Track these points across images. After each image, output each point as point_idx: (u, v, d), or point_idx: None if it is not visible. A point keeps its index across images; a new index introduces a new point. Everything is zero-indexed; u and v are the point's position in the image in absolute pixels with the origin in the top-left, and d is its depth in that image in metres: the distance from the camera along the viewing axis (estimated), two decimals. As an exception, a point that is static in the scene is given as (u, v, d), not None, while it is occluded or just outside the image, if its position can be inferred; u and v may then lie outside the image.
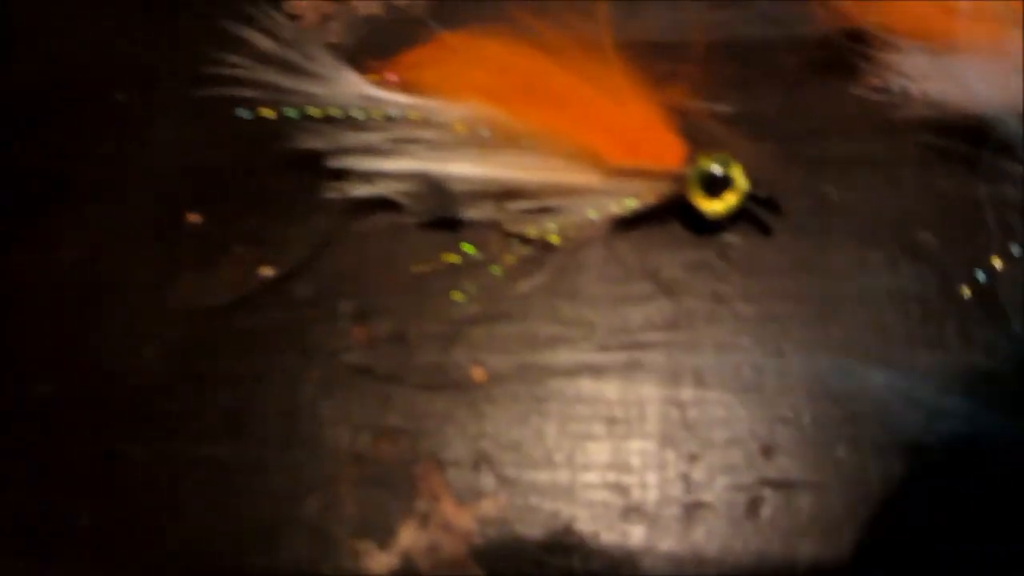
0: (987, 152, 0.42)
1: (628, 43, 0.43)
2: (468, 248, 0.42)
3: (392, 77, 0.41)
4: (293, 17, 0.48)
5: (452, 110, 0.41)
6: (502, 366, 0.40)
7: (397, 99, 0.41)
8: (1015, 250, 0.41)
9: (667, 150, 0.41)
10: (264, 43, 0.40)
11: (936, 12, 0.42)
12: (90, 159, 0.46)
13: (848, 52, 0.44)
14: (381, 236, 0.42)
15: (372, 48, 0.46)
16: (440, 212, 0.41)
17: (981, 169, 0.42)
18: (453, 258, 0.42)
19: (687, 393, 0.40)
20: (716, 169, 0.40)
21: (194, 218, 0.44)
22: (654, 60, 0.44)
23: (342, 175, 0.41)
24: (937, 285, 0.41)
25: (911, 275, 0.41)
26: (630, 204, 0.41)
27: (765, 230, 0.42)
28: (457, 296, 0.41)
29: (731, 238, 0.43)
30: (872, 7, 0.43)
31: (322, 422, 0.39)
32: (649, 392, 0.39)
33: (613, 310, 0.41)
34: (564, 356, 0.40)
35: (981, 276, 0.40)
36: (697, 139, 0.42)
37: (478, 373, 0.40)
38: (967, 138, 0.42)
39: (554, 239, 0.41)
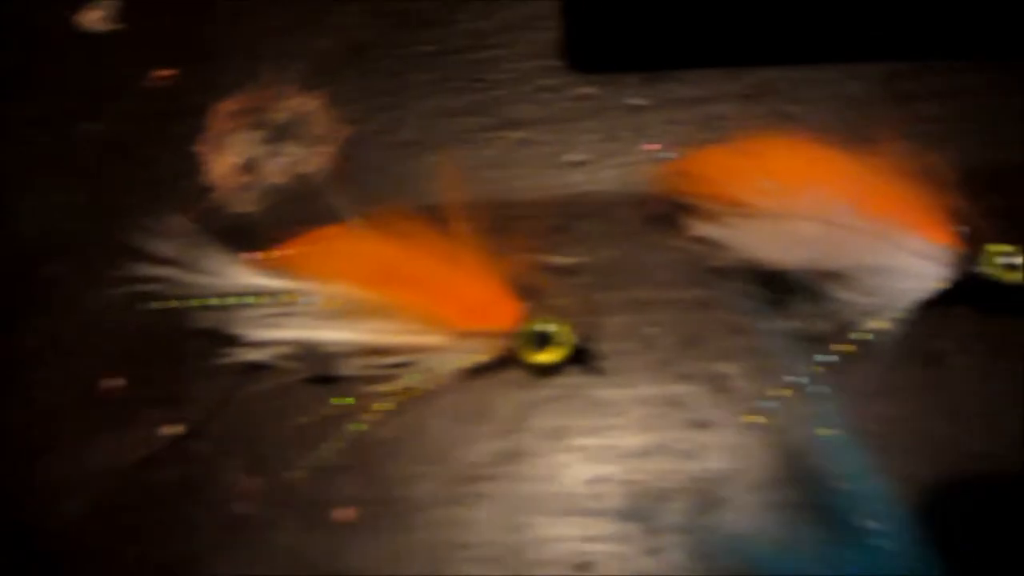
0: (780, 295, 0.50)
1: (483, 207, 0.52)
2: (342, 400, 0.50)
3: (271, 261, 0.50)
4: (212, 188, 0.57)
5: (325, 289, 0.49)
6: (371, 502, 0.48)
7: (278, 282, 0.50)
8: (800, 381, 0.48)
9: (504, 312, 0.49)
10: (168, 248, 0.49)
11: (743, 187, 0.51)
12: (28, 327, 0.54)
13: (676, 210, 0.53)
14: (269, 395, 0.50)
15: (278, 214, 0.55)
16: (318, 371, 0.49)
17: (776, 310, 0.50)
18: (330, 410, 0.49)
19: (521, 518, 0.47)
20: (543, 328, 0.48)
21: (113, 382, 0.52)
22: (504, 224, 0.52)
23: (235, 344, 0.49)
24: (730, 414, 0.48)
25: (713, 404, 0.49)
26: (476, 358, 0.49)
27: (595, 371, 0.50)
28: (332, 443, 0.49)
29: (569, 379, 0.51)
30: (696, 179, 0.52)
31: (216, 568, 0.47)
32: (489, 518, 0.47)
33: (463, 448, 0.49)
34: (422, 490, 0.48)
35: (769, 405, 0.48)
36: (536, 295, 0.51)
37: (349, 511, 0.48)
38: (766, 284, 0.50)
39: (413, 390, 0.49)
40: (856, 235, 0.47)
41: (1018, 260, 0.47)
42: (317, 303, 0.49)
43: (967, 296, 0.49)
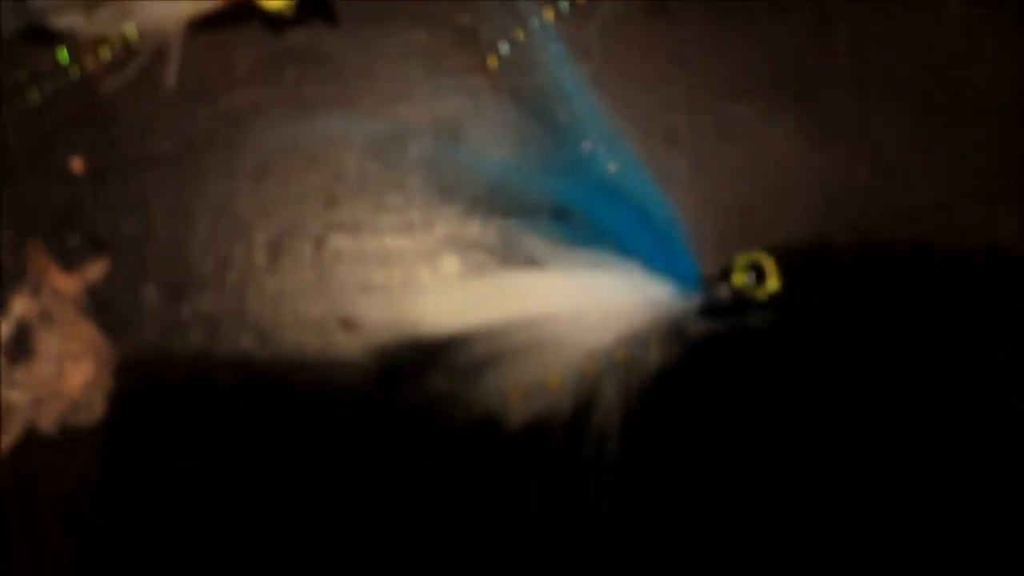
0: None
1: None
2: (62, 55, 0.46)
3: None
4: None
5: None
6: (102, 159, 0.46)
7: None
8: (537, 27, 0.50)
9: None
10: None
11: None
12: None
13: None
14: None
15: None
16: (27, 23, 0.45)
17: None
18: (45, 64, 0.46)
19: (264, 166, 0.47)
20: (277, -26, 0.46)
21: None
22: None
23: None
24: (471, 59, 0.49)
25: (457, 51, 0.50)
26: (206, 5, 0.47)
27: (331, 19, 0.49)
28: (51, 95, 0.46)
29: (306, 35, 0.49)
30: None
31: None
32: (226, 168, 0.47)
33: (195, 103, 0.47)
34: (151, 147, 0.47)
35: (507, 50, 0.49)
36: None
37: (77, 164, 0.46)
38: None
39: (135, 41, 0.46)
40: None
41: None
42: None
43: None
